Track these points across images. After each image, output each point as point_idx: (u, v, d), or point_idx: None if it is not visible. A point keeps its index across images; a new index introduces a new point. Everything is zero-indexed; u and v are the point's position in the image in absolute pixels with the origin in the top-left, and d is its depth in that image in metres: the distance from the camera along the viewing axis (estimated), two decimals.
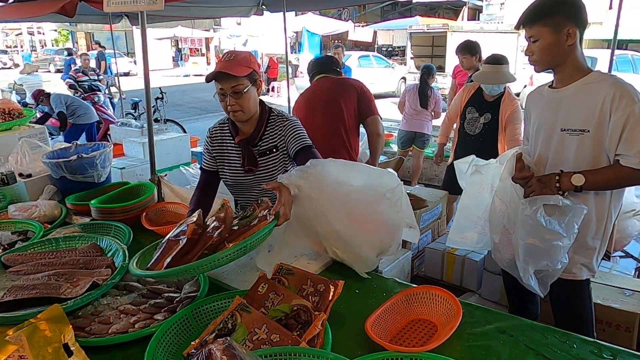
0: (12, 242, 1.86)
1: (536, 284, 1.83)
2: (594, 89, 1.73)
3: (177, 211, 2.22)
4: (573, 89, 1.79)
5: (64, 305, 1.31)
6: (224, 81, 1.81)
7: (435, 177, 5.82)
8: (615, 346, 1.24)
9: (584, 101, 1.74)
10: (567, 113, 1.79)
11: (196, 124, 10.86)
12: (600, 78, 1.75)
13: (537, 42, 1.77)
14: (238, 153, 1.97)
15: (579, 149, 1.76)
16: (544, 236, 1.71)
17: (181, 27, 23.53)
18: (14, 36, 36.75)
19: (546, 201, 1.72)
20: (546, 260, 1.76)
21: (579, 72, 1.78)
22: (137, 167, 5.17)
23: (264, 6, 5.90)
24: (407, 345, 1.27)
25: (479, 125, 3.56)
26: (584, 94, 1.75)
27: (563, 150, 1.81)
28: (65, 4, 4.12)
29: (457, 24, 16.07)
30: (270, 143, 1.95)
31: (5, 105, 2.92)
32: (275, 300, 1.28)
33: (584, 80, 1.77)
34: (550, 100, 1.87)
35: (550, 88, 1.91)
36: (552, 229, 1.69)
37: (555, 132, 1.83)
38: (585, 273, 1.88)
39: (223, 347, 0.97)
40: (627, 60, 10.94)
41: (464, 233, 2.12)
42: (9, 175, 2.35)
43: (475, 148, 3.45)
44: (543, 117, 1.90)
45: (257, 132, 1.95)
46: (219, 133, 2.04)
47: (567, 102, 1.79)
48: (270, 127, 1.97)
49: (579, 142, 1.76)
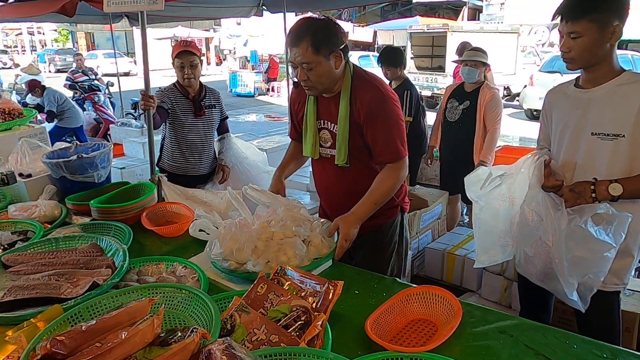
0: (12, 242, 1.86)
1: (578, 299, 1.71)
2: (629, 90, 1.62)
3: (177, 211, 2.22)
4: (605, 90, 1.67)
5: (64, 305, 1.31)
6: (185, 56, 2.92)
7: (435, 177, 5.80)
8: (615, 346, 1.24)
9: (618, 104, 1.63)
10: (599, 116, 1.67)
11: None
12: (634, 79, 1.64)
13: (579, 39, 1.62)
14: (188, 104, 3.02)
15: (613, 155, 1.65)
16: (594, 247, 1.60)
17: (181, 27, 23.48)
18: (14, 36, 36.73)
19: (595, 210, 1.62)
20: (591, 273, 1.66)
21: (611, 72, 1.67)
22: (137, 167, 5.18)
23: (264, 7, 5.90)
24: (407, 345, 1.27)
25: (458, 112, 3.72)
26: (618, 96, 1.64)
27: (595, 155, 1.69)
28: (65, 3, 4.12)
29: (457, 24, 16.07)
30: (210, 102, 3.13)
31: (5, 105, 2.92)
32: (275, 301, 1.28)
33: (616, 81, 1.65)
34: (577, 101, 1.74)
35: (576, 87, 1.78)
36: (603, 239, 1.59)
37: (584, 135, 1.71)
38: (620, 284, 1.78)
39: (223, 347, 0.97)
40: (627, 60, 10.93)
41: (489, 252, 1.95)
42: (9, 175, 2.35)
43: (453, 133, 3.78)
44: (568, 119, 1.77)
45: (200, 93, 3.09)
46: (170, 92, 3.02)
47: (598, 104, 1.67)
48: (208, 92, 3.15)
49: (613, 147, 1.64)
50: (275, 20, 11.50)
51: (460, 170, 2.65)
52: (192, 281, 1.55)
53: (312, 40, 1.73)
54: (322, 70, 1.79)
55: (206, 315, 1.21)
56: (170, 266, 1.65)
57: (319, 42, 1.74)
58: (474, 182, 1.93)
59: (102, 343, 1.01)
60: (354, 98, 1.85)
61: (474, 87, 3.69)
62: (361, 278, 1.62)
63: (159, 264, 1.66)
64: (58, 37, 35.95)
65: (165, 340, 1.04)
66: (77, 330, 1.06)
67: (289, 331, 1.17)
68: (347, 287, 1.41)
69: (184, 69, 2.93)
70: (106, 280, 1.46)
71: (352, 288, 1.53)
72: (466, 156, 3.66)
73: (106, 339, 1.03)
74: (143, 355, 1.02)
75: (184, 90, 3.03)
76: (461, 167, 3.28)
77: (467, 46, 5.02)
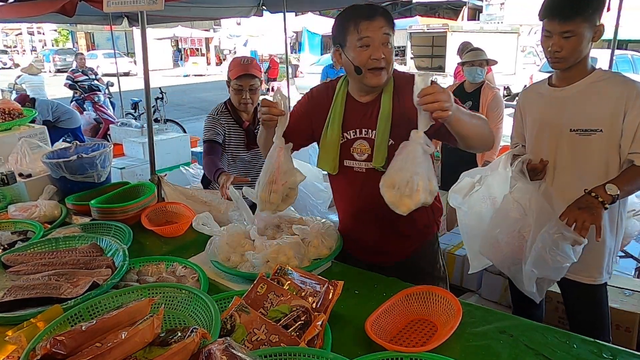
0: (12, 242, 1.86)
1: (536, 289, 1.76)
2: (602, 87, 1.68)
3: (177, 211, 2.22)
4: (580, 87, 1.73)
5: (64, 305, 1.31)
6: (245, 80, 2.46)
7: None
8: (615, 346, 1.24)
9: (593, 100, 1.69)
10: (575, 113, 1.73)
11: (196, 124, 10.84)
12: (606, 76, 1.71)
13: (572, 38, 1.64)
14: (240, 135, 2.57)
15: (592, 149, 1.71)
16: (555, 257, 1.61)
17: (181, 27, 23.54)
18: (14, 36, 36.74)
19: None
20: (550, 275, 1.71)
21: (585, 71, 1.73)
22: (137, 167, 5.17)
23: (263, 7, 5.90)
24: (407, 345, 1.27)
25: None
26: (592, 93, 1.70)
27: (575, 151, 1.75)
28: (65, 3, 4.11)
29: (457, 24, 16.08)
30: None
31: (5, 105, 2.92)
32: (275, 301, 1.28)
33: (589, 79, 1.72)
34: (553, 99, 1.80)
35: (550, 86, 1.84)
36: (565, 254, 1.61)
37: (563, 133, 1.77)
38: (603, 276, 1.83)
39: (223, 347, 0.97)
40: (627, 60, 10.95)
41: (480, 255, 1.96)
42: (9, 175, 2.35)
43: None
44: (545, 117, 1.83)
45: (254, 119, 2.59)
46: (223, 119, 2.55)
47: (575, 102, 1.73)
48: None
49: (591, 142, 1.70)
50: (275, 20, 11.52)
51: (464, 170, 2.65)
52: (192, 281, 1.55)
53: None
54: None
55: (206, 315, 1.21)
56: (170, 266, 1.65)
57: None
58: (458, 191, 1.95)
59: (102, 343, 1.01)
60: (399, 96, 1.66)
61: (475, 87, 3.69)
62: (361, 278, 1.62)
63: (159, 264, 1.66)
64: (58, 37, 35.97)
65: (165, 340, 1.04)
66: (77, 330, 1.06)
67: (289, 331, 1.17)
68: (347, 287, 1.41)
69: (242, 92, 2.49)
70: (106, 280, 1.46)
71: (352, 288, 1.53)
72: (470, 156, 3.65)
73: (106, 339, 1.03)
74: (143, 355, 1.02)
75: (236, 115, 2.57)
76: (465, 168, 3.27)
77: (468, 46, 5.05)
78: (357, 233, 1.84)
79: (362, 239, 1.85)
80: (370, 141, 1.69)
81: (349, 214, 1.88)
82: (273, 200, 1.62)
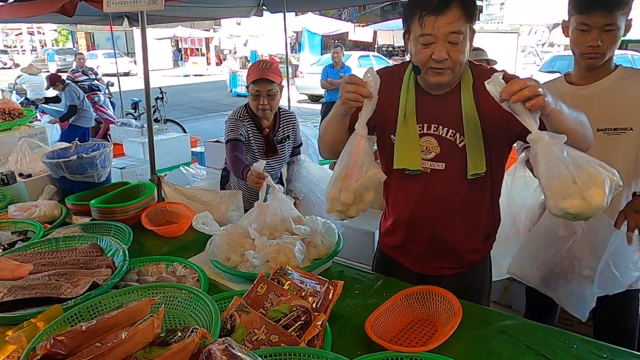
0: (12, 242, 1.86)
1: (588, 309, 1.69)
2: (628, 84, 1.63)
3: (177, 211, 2.22)
4: (604, 85, 1.66)
5: (64, 305, 1.31)
6: (262, 84, 2.36)
7: None
8: (615, 346, 1.24)
9: (620, 98, 1.63)
10: (603, 112, 1.65)
11: (196, 124, 10.86)
12: (630, 73, 1.65)
13: (613, 32, 1.57)
14: (260, 141, 2.50)
15: (624, 149, 1.65)
16: (625, 271, 1.58)
17: (181, 27, 23.53)
18: (14, 36, 36.74)
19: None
20: (615, 288, 1.64)
21: (609, 68, 1.67)
22: (137, 167, 5.18)
23: (264, 7, 5.90)
24: (407, 345, 1.27)
25: None
26: (619, 91, 1.63)
27: (605, 152, 1.61)
28: (65, 3, 4.11)
29: None
30: (284, 133, 2.59)
31: (5, 105, 2.91)
32: (275, 301, 1.28)
33: (614, 76, 1.65)
34: (576, 98, 1.69)
35: (570, 84, 1.75)
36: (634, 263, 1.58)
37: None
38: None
39: (223, 347, 0.97)
40: (627, 60, 10.95)
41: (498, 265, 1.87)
42: (9, 175, 2.35)
43: None
44: None
45: (275, 125, 2.55)
46: (245, 121, 2.49)
47: (601, 100, 1.66)
48: (283, 120, 2.59)
49: (622, 141, 1.64)
50: (275, 20, 11.52)
51: None
52: (192, 281, 1.55)
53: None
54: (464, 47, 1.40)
55: (206, 315, 1.21)
56: (170, 266, 1.65)
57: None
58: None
59: (102, 343, 1.01)
60: (478, 92, 1.46)
61: None
62: (361, 278, 1.62)
63: (159, 264, 1.66)
64: (58, 37, 35.96)
65: (165, 340, 1.04)
66: (77, 330, 1.06)
67: (289, 331, 1.17)
68: (347, 287, 1.41)
69: (260, 98, 2.40)
70: (106, 280, 1.46)
71: (352, 288, 1.53)
72: None
73: (106, 339, 1.03)
74: (143, 355, 1.02)
75: (257, 121, 2.51)
76: None
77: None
78: (410, 240, 1.67)
79: (412, 247, 1.68)
80: (440, 139, 1.51)
81: (402, 219, 1.67)
82: (344, 199, 1.38)
